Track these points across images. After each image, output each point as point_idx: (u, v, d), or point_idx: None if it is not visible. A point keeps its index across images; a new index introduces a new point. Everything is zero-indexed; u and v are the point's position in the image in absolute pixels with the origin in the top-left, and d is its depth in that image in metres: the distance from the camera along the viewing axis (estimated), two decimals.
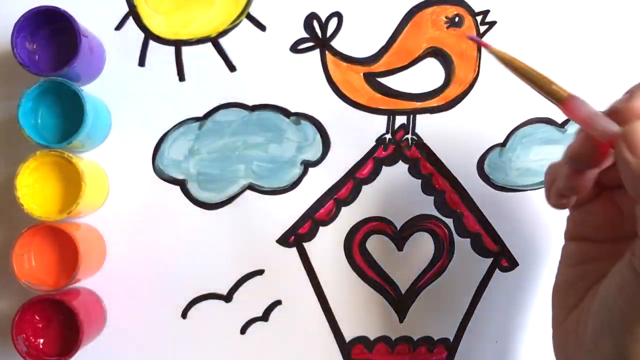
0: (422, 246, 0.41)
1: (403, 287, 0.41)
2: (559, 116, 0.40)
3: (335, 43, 0.41)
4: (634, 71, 0.41)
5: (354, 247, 0.41)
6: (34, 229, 0.36)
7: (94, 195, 0.38)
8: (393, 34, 0.41)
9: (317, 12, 0.40)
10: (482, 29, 0.41)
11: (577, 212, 0.31)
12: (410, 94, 0.41)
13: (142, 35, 0.40)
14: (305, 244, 0.40)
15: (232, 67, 0.40)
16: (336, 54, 0.41)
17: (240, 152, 0.40)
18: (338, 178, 0.41)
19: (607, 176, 0.30)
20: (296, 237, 0.40)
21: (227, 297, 0.40)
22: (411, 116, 0.41)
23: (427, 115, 0.41)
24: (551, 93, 0.28)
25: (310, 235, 0.40)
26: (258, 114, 0.40)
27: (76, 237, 0.36)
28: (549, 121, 0.41)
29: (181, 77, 0.40)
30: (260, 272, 0.40)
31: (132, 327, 0.40)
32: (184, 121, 0.40)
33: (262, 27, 0.40)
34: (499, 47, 0.41)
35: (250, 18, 0.40)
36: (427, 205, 0.41)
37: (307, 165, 0.40)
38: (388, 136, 0.41)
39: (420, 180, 0.41)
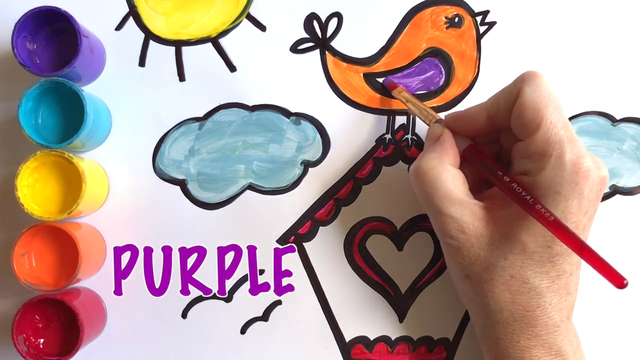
0: (422, 246, 0.41)
1: (403, 287, 0.41)
2: None
3: (335, 43, 0.41)
4: (633, 71, 0.41)
5: (354, 247, 0.41)
6: (34, 229, 0.36)
7: (95, 195, 0.38)
8: (393, 34, 0.41)
9: (317, 12, 0.40)
10: (482, 29, 0.41)
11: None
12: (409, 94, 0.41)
13: (142, 35, 0.40)
14: (305, 244, 0.40)
15: (232, 67, 0.40)
16: (336, 54, 0.41)
17: (240, 152, 0.40)
18: (338, 178, 0.41)
19: None
20: (296, 237, 0.40)
21: (227, 297, 0.40)
22: (411, 116, 0.41)
23: None
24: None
25: (310, 235, 0.40)
26: (258, 114, 0.40)
27: (77, 237, 0.36)
28: None
29: (181, 77, 0.40)
30: (260, 272, 0.40)
31: (132, 327, 0.40)
32: (184, 121, 0.40)
33: (262, 27, 0.41)
34: (490, 50, 0.41)
35: (250, 18, 0.40)
36: None
37: (307, 165, 0.40)
38: (388, 136, 0.41)
39: None
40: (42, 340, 0.37)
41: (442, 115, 0.37)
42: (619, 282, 0.27)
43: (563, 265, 0.32)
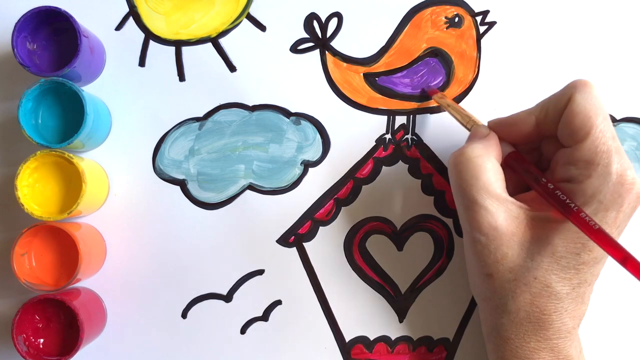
0: (422, 246, 0.41)
1: (403, 287, 0.41)
2: None
3: (335, 43, 0.41)
4: (632, 71, 0.41)
5: (354, 247, 0.41)
6: (34, 229, 0.36)
7: (94, 195, 0.38)
8: (393, 34, 0.41)
9: (317, 12, 0.40)
10: (482, 29, 0.41)
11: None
12: (409, 94, 0.41)
13: (142, 35, 0.40)
14: (305, 244, 0.40)
15: (232, 67, 0.40)
16: (336, 54, 0.41)
17: (240, 152, 0.40)
18: (338, 178, 0.41)
19: None
20: (296, 237, 0.40)
21: (227, 297, 0.40)
22: (411, 116, 0.41)
23: (427, 115, 0.41)
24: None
25: (310, 235, 0.40)
26: (258, 114, 0.40)
27: (76, 237, 0.36)
28: None
29: (181, 77, 0.40)
30: (260, 272, 0.40)
31: (132, 327, 0.40)
32: (184, 121, 0.40)
33: (262, 27, 0.41)
34: (490, 50, 0.41)
35: (250, 18, 0.40)
36: (427, 205, 0.41)
37: (307, 165, 0.40)
38: (388, 136, 0.41)
39: (420, 180, 0.41)
40: (42, 340, 0.37)
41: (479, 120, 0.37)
42: None
43: (586, 274, 0.32)
